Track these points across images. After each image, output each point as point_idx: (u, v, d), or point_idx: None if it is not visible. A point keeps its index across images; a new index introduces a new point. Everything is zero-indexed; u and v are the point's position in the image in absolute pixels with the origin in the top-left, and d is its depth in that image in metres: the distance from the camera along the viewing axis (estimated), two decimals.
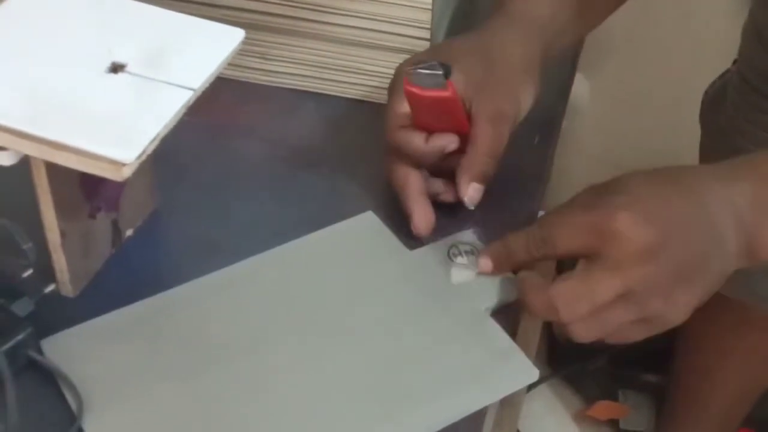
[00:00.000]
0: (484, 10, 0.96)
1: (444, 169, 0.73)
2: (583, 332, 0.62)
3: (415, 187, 0.72)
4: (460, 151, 0.71)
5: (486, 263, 0.67)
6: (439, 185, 0.74)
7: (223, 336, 0.65)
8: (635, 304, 0.60)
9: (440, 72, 0.68)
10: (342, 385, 0.63)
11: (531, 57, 0.74)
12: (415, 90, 0.69)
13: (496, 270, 0.67)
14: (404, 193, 0.72)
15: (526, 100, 0.73)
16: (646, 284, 0.60)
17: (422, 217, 0.72)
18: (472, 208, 0.71)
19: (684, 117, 1.15)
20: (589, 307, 0.60)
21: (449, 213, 0.74)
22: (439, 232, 0.72)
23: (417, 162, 0.72)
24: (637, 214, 0.60)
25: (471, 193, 0.70)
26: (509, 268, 0.67)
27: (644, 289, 0.60)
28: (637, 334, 0.62)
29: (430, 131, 0.71)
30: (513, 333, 0.68)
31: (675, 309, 0.61)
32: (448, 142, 0.71)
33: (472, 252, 0.70)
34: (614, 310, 0.60)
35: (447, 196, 0.73)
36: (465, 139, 0.71)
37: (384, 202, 0.75)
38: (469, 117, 0.71)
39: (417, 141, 0.71)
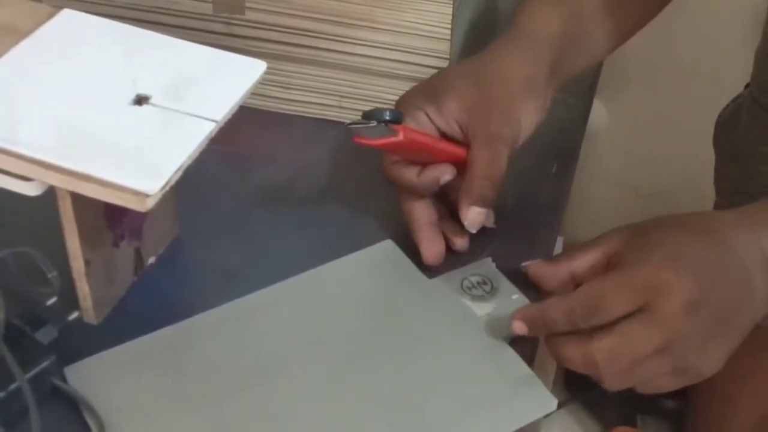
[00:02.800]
0: None
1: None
2: (616, 383, 0.62)
3: (420, 218, 0.72)
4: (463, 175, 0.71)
5: (520, 327, 0.65)
6: (453, 227, 0.74)
7: (243, 364, 0.66)
8: (672, 356, 0.60)
9: (375, 123, 0.67)
10: (361, 414, 0.63)
11: (534, 76, 0.72)
12: (363, 141, 0.68)
13: (530, 335, 0.65)
14: (411, 225, 0.72)
15: (528, 120, 0.71)
16: (686, 338, 0.60)
17: (430, 248, 0.72)
18: (474, 231, 0.70)
19: (701, 141, 1.15)
20: (629, 363, 0.60)
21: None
22: (458, 261, 0.73)
23: (417, 195, 0.72)
24: (682, 269, 0.60)
25: (471, 216, 0.69)
26: (544, 334, 0.64)
27: (683, 343, 0.60)
28: (670, 385, 0.62)
29: (424, 164, 0.71)
30: (531, 359, 0.68)
31: (709, 361, 0.61)
32: (441, 173, 0.70)
33: (484, 282, 0.71)
34: (651, 363, 0.60)
35: (460, 243, 0.73)
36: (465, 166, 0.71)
37: (403, 230, 0.75)
38: (467, 141, 0.71)
39: (409, 175, 0.71)
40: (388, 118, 0.67)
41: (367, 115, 0.67)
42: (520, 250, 0.73)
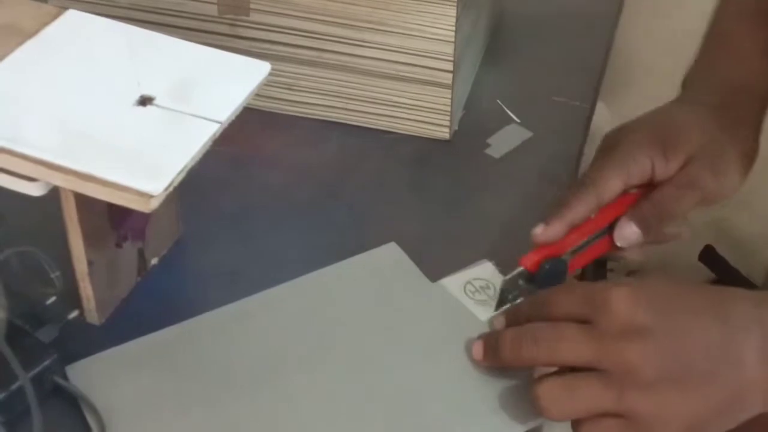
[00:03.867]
0: (510, 43, 0.97)
1: None
2: (549, 401, 0.59)
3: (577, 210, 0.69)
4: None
5: (499, 321, 0.66)
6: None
7: (245, 365, 0.66)
8: (609, 384, 0.57)
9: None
10: (362, 417, 0.63)
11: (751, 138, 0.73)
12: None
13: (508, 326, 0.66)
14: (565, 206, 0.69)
15: (732, 181, 0.71)
16: (622, 366, 0.57)
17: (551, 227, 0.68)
18: (619, 244, 0.70)
19: None
20: (547, 354, 0.59)
21: (468, 244, 0.75)
22: (459, 263, 0.73)
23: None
24: (636, 295, 0.58)
25: (627, 231, 0.69)
26: (516, 324, 0.65)
27: (620, 371, 0.57)
28: None
29: None
30: None
31: (661, 418, 0.57)
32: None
33: (488, 286, 0.71)
34: (586, 384, 0.58)
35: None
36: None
37: (407, 233, 0.75)
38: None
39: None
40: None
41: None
42: (522, 253, 0.73)
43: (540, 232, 0.68)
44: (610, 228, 0.70)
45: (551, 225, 0.68)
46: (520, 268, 0.68)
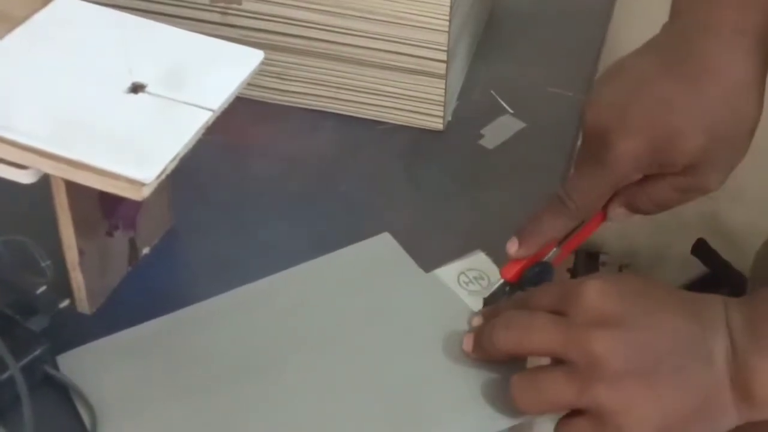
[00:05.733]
0: (504, 34, 0.97)
1: None
2: (519, 393, 0.59)
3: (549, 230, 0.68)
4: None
5: (477, 320, 0.66)
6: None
7: (237, 355, 0.65)
8: (573, 377, 0.56)
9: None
10: (355, 407, 0.63)
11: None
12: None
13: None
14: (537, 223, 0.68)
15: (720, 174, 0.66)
16: (588, 356, 0.56)
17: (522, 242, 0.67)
18: (610, 221, 0.69)
19: None
20: (520, 342, 0.59)
21: (462, 235, 0.75)
22: (452, 254, 0.72)
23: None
24: (607, 287, 0.58)
25: (618, 212, 0.69)
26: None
27: (586, 362, 0.56)
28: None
29: None
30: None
31: (628, 414, 0.55)
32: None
33: (481, 277, 0.71)
34: (551, 377, 0.58)
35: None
36: None
37: (401, 223, 0.75)
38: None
39: None
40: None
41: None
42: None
43: (513, 251, 0.67)
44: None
45: (525, 244, 0.67)
46: (501, 281, 0.68)
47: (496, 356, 0.63)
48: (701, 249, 1.56)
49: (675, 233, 1.56)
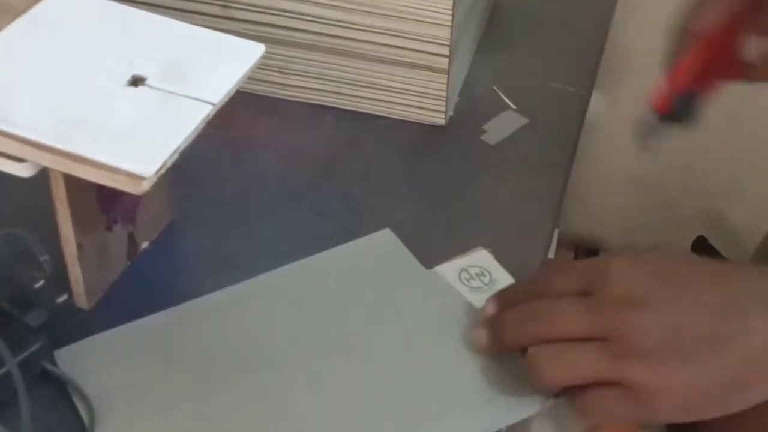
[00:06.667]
0: (507, 29, 0.97)
1: None
2: (545, 364, 0.58)
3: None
4: None
5: (492, 304, 0.65)
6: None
7: (236, 351, 0.65)
8: (607, 351, 0.56)
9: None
10: (354, 404, 0.63)
11: None
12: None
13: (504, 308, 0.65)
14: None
15: None
16: (621, 334, 0.56)
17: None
18: (745, 58, 0.67)
19: (701, 134, 1.15)
20: (546, 329, 0.58)
21: (464, 231, 0.74)
22: (454, 250, 0.72)
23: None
24: (634, 264, 0.58)
25: (755, 45, 0.66)
26: (512, 305, 0.64)
27: (619, 339, 0.56)
28: (616, 408, 0.57)
29: None
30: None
31: (659, 386, 0.55)
32: None
33: (483, 273, 0.70)
34: (584, 348, 0.57)
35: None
36: None
37: (402, 219, 0.75)
38: None
39: None
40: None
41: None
42: (518, 242, 0.73)
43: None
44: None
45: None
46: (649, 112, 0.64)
47: (515, 348, 0.62)
48: (701, 246, 1.56)
49: (675, 230, 1.56)
